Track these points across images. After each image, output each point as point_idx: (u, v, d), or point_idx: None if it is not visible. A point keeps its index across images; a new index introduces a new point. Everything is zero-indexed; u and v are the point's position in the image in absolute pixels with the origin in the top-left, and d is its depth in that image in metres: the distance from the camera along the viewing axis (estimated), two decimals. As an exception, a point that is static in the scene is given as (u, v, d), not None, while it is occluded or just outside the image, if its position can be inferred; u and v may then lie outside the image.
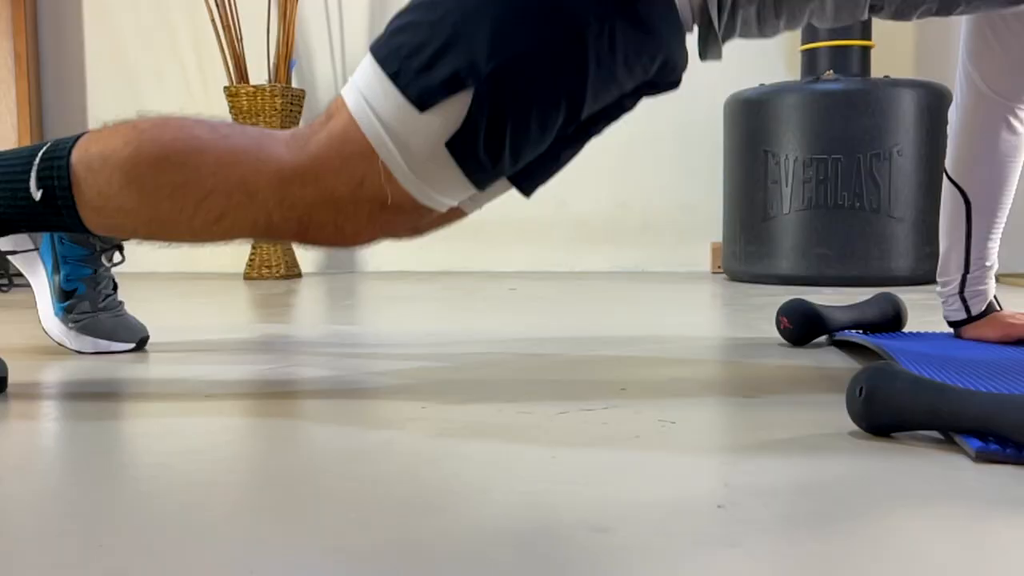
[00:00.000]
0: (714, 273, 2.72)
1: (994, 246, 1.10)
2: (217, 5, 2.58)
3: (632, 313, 1.73)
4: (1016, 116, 1.06)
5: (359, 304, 1.90)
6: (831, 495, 0.57)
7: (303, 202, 0.80)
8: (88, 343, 1.17)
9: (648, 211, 2.81)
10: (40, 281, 1.18)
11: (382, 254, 2.92)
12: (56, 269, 1.16)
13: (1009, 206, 1.10)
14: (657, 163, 2.78)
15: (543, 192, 0.92)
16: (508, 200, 1.00)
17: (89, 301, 1.18)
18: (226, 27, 2.59)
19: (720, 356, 1.11)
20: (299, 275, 2.70)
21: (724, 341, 1.31)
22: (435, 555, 0.48)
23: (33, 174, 0.84)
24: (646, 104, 0.86)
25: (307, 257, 2.90)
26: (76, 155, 0.83)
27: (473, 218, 1.00)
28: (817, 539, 0.50)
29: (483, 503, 0.56)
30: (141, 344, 1.20)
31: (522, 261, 2.85)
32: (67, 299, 1.17)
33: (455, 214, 0.91)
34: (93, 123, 2.93)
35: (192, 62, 2.90)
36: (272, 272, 2.60)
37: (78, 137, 0.85)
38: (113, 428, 0.79)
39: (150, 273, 2.86)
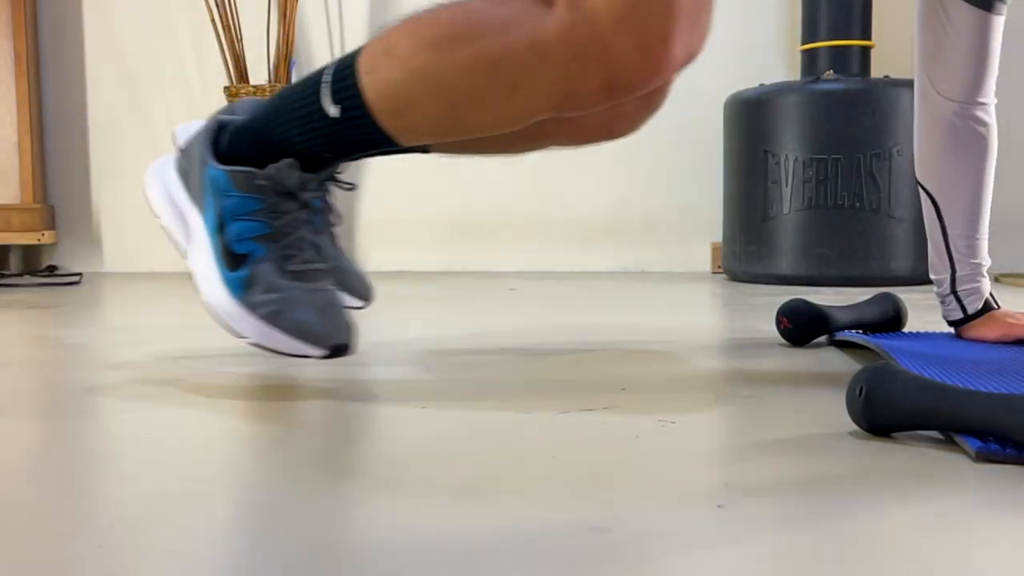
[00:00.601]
0: (714, 273, 2.72)
1: (978, 244, 1.10)
2: (217, 5, 2.58)
3: (632, 313, 1.72)
4: (969, 116, 1.06)
5: (359, 304, 1.90)
6: (831, 495, 0.57)
7: (597, 36, 0.73)
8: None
9: (648, 211, 2.81)
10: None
11: (382, 254, 2.92)
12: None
13: (985, 204, 1.09)
14: (657, 163, 2.78)
15: (543, 192, 0.92)
16: (508, 199, 1.00)
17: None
18: (226, 27, 2.59)
19: (720, 356, 1.11)
20: (299, 275, 2.70)
21: (724, 341, 1.31)
22: (435, 555, 0.48)
23: (326, 92, 0.82)
24: (646, 104, 0.86)
25: (307, 257, 2.89)
26: (361, 62, 0.81)
27: (473, 218, 1.00)
28: (817, 539, 0.50)
29: (483, 503, 0.56)
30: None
31: (522, 261, 2.85)
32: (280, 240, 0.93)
33: None
34: (93, 123, 2.93)
35: (192, 62, 2.90)
36: (272, 272, 2.60)
37: (361, 46, 0.84)
38: (111, 428, 0.79)
39: (150, 273, 2.86)
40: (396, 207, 2.88)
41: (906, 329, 1.23)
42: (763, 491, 0.58)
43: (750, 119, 2.35)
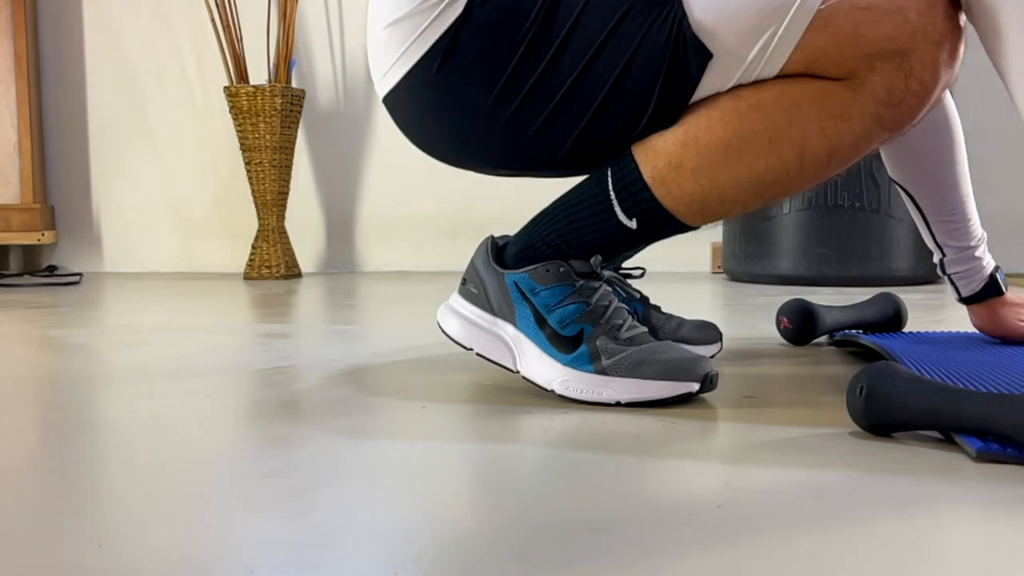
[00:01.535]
0: (714, 273, 2.72)
1: (962, 227, 1.08)
2: (217, 5, 2.58)
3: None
4: None
5: (359, 304, 1.90)
6: (831, 495, 0.57)
7: (892, 64, 0.77)
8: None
9: (648, 211, 2.81)
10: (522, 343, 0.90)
11: (382, 254, 2.92)
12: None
13: (960, 186, 1.07)
14: (657, 163, 2.78)
15: (544, 191, 0.92)
16: (508, 199, 1.01)
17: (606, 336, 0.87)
18: (226, 27, 2.59)
19: (720, 356, 1.11)
20: (299, 275, 2.70)
21: (724, 341, 1.31)
22: (434, 554, 0.48)
23: (618, 210, 0.84)
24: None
25: (307, 257, 2.90)
26: (647, 174, 0.83)
27: (473, 217, 1.00)
28: (817, 539, 0.50)
29: (483, 503, 0.56)
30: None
31: (522, 261, 2.84)
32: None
33: None
34: (93, 123, 2.93)
35: (192, 62, 2.90)
36: (272, 272, 2.60)
37: (631, 158, 0.84)
38: (111, 428, 0.79)
39: (150, 273, 2.86)
40: (396, 207, 2.88)
41: (906, 329, 1.23)
42: (763, 491, 0.58)
43: (750, 119, 2.35)
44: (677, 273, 2.71)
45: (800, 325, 1.20)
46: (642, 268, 1.08)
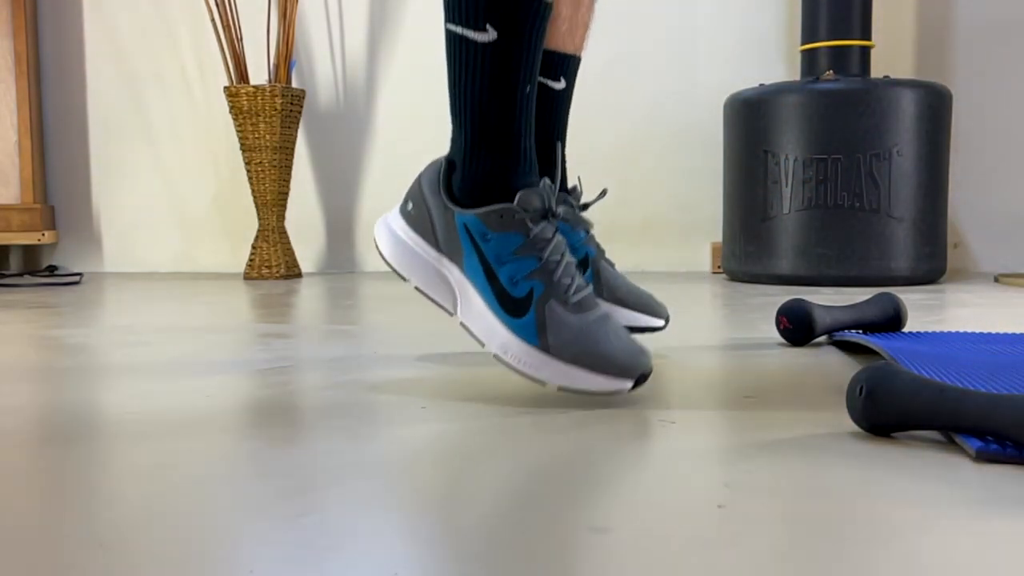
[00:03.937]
0: (714, 273, 2.72)
1: None
2: (217, 5, 2.58)
3: (632, 313, 1.72)
4: None
5: (359, 304, 1.90)
6: (831, 495, 0.57)
7: None
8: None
9: (648, 211, 2.81)
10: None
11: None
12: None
13: None
14: (657, 163, 2.78)
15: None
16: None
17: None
18: (226, 27, 2.59)
19: (720, 356, 1.11)
20: (299, 275, 2.70)
21: (724, 341, 1.31)
22: (434, 554, 0.48)
23: (467, 32, 0.82)
24: (646, 104, 0.86)
25: (307, 257, 2.90)
26: None
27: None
28: (817, 539, 0.50)
29: (483, 503, 0.56)
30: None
31: (522, 261, 2.84)
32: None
33: None
34: (93, 123, 2.93)
35: (192, 62, 2.90)
36: (272, 272, 2.60)
37: None
38: (111, 428, 0.79)
39: (150, 273, 2.86)
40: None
41: (906, 329, 1.23)
42: (763, 491, 0.58)
43: (750, 119, 2.35)
44: (677, 273, 2.71)
45: (800, 325, 1.20)
46: (604, 188, 1.05)
